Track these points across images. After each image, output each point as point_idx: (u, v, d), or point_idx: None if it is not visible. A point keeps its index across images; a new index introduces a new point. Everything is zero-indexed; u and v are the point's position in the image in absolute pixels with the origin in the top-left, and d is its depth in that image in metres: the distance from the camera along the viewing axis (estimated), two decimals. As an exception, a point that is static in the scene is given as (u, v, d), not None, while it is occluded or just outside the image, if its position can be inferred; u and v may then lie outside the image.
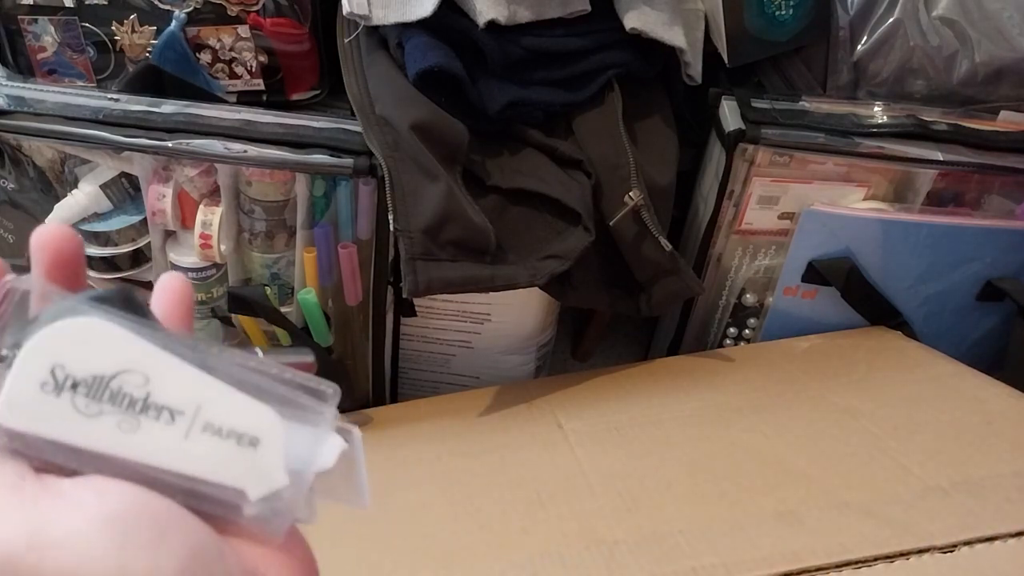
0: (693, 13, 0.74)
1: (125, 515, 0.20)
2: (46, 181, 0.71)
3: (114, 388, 0.21)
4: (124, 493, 0.20)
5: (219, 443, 0.22)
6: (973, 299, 0.78)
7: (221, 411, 0.22)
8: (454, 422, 0.72)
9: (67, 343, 0.21)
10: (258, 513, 0.22)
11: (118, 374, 0.21)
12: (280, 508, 0.23)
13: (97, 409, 0.21)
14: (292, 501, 0.23)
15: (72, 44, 0.73)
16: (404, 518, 0.59)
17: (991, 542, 0.49)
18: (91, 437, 0.21)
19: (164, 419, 0.22)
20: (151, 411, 0.22)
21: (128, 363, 0.21)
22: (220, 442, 0.22)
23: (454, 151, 0.66)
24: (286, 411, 0.23)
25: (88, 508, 0.20)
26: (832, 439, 0.62)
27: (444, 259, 0.64)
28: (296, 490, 0.23)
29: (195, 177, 0.69)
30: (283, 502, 0.23)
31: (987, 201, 0.76)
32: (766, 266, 0.79)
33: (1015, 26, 0.71)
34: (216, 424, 0.22)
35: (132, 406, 0.21)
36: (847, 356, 0.75)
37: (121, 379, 0.21)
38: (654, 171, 0.71)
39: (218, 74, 0.74)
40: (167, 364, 0.22)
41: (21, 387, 0.21)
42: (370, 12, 0.67)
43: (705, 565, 0.49)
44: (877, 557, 0.48)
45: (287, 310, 0.75)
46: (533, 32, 0.68)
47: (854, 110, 0.73)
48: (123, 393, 0.21)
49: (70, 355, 0.21)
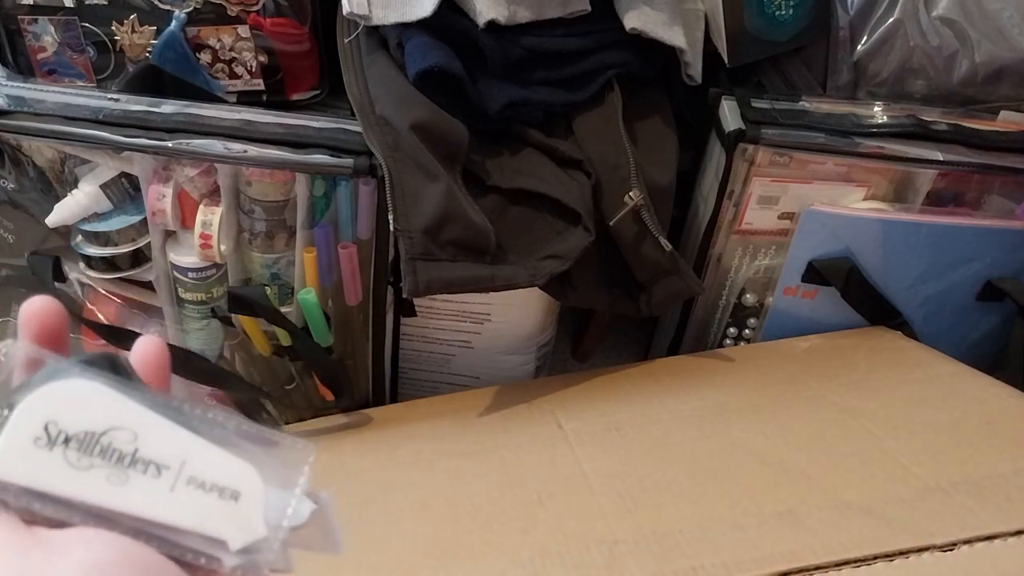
0: (693, 13, 0.74)
1: (110, 564, 0.21)
2: (46, 181, 0.71)
3: (104, 443, 0.22)
4: (110, 543, 0.21)
5: (202, 496, 0.23)
6: (973, 299, 0.78)
7: (204, 466, 0.23)
8: (454, 422, 0.72)
9: (61, 402, 0.22)
10: (238, 563, 0.23)
11: (108, 431, 0.22)
12: (258, 559, 0.24)
13: (88, 463, 0.22)
14: (270, 552, 0.24)
15: (72, 44, 0.73)
16: (404, 518, 0.59)
17: (991, 541, 0.49)
18: (82, 489, 0.22)
19: (151, 473, 0.23)
20: (139, 465, 0.23)
21: (118, 421, 0.23)
22: (203, 495, 0.23)
23: (454, 151, 0.66)
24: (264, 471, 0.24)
25: (75, 558, 0.20)
26: (832, 439, 0.62)
27: (444, 259, 0.64)
28: (273, 541, 0.24)
29: (195, 177, 0.69)
30: (261, 553, 0.24)
31: (987, 201, 0.76)
32: (766, 266, 0.79)
33: (1015, 26, 0.71)
34: (200, 478, 0.23)
35: (121, 460, 0.22)
36: (847, 356, 0.75)
37: (111, 435, 0.22)
38: (654, 171, 0.71)
39: (218, 74, 0.74)
40: (154, 422, 0.23)
41: (15, 441, 0.22)
42: (370, 12, 0.67)
43: (705, 565, 0.49)
44: (877, 556, 0.48)
45: (287, 310, 0.75)
46: (533, 32, 0.68)
47: (854, 110, 0.73)
48: (113, 448, 0.22)
49: (63, 413, 0.22)
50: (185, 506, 0.23)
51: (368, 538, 0.58)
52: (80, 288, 0.76)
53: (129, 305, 0.77)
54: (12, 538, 0.20)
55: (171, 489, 0.23)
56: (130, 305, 0.77)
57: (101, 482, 0.22)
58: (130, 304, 0.77)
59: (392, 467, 0.66)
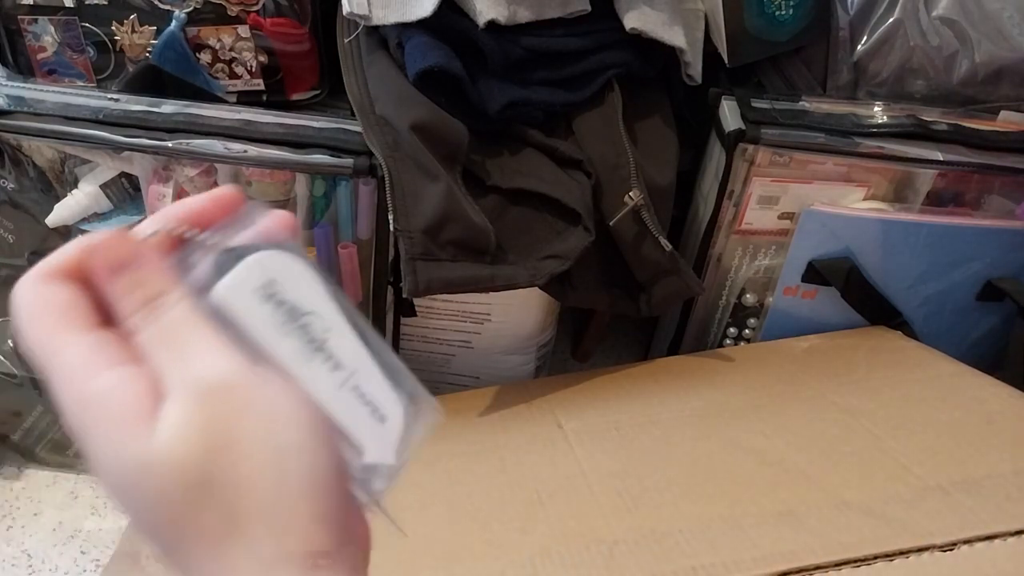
0: (693, 13, 0.74)
1: (309, 404, 0.24)
2: (46, 181, 0.72)
3: (303, 323, 0.25)
4: (301, 392, 0.24)
5: (359, 406, 0.26)
6: (973, 299, 0.78)
7: (368, 382, 0.26)
8: (454, 422, 0.72)
9: (284, 270, 0.25)
10: (361, 476, 0.26)
11: (310, 313, 0.25)
12: (375, 481, 0.27)
13: (287, 329, 0.25)
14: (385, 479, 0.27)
15: (72, 44, 0.73)
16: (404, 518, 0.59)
17: (991, 541, 0.49)
18: (276, 347, 0.24)
19: (329, 365, 0.25)
20: (323, 354, 0.25)
21: (319, 309, 0.25)
22: (360, 406, 0.26)
23: (454, 151, 0.66)
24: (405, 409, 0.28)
25: (288, 386, 0.24)
26: (832, 439, 0.62)
27: (444, 259, 0.64)
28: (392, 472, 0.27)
29: (195, 177, 0.69)
30: (379, 477, 0.27)
31: (987, 201, 0.76)
32: (766, 266, 0.79)
33: (1015, 26, 0.71)
34: (362, 390, 0.26)
35: (312, 343, 0.25)
36: (847, 356, 0.75)
37: (310, 319, 0.25)
38: (654, 171, 0.71)
39: (218, 74, 0.74)
40: (343, 325, 0.26)
41: (241, 280, 0.24)
42: (370, 12, 0.67)
43: (705, 565, 0.49)
44: (877, 556, 0.48)
45: (287, 310, 0.74)
46: (533, 32, 0.68)
47: (854, 110, 0.73)
48: (309, 330, 0.25)
49: (285, 279, 0.25)
50: (345, 406, 0.26)
51: (368, 538, 0.58)
52: (80, 288, 0.76)
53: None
54: (237, 352, 0.23)
55: (339, 387, 0.26)
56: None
57: (292, 351, 0.25)
58: (130, 304, 0.77)
59: (392, 467, 0.66)
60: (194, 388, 0.22)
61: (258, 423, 0.22)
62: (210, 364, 0.22)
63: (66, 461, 0.88)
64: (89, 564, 0.80)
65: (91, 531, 0.83)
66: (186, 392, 0.22)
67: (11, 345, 0.80)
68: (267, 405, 0.23)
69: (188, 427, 0.21)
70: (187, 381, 0.22)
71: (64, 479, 0.88)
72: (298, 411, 0.23)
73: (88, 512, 0.85)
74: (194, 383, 0.22)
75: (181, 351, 0.23)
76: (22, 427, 0.85)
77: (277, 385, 0.23)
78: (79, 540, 0.82)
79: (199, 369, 0.22)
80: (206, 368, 0.22)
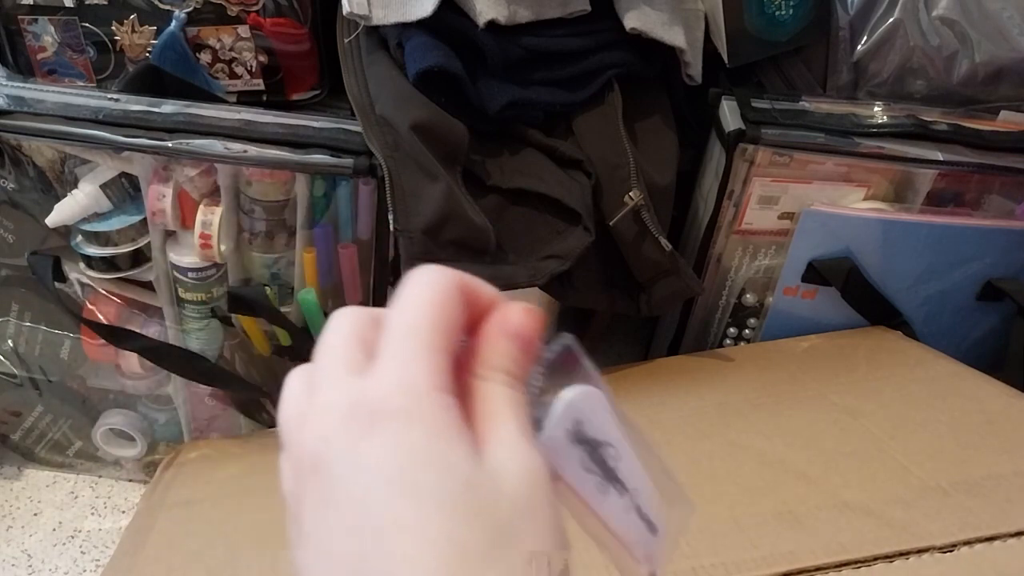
0: (693, 13, 0.74)
1: None
2: (46, 181, 0.71)
3: (602, 455, 0.26)
4: None
5: (639, 523, 0.27)
6: (973, 299, 0.78)
7: (646, 499, 0.27)
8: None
9: (589, 405, 0.26)
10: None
11: (605, 445, 0.26)
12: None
13: (590, 465, 0.26)
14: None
15: (72, 44, 0.73)
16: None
17: (991, 542, 0.49)
18: (582, 485, 0.26)
19: (618, 490, 0.27)
20: (615, 482, 0.27)
21: (611, 438, 0.26)
22: (639, 522, 0.27)
23: (454, 151, 0.66)
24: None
25: None
26: (832, 439, 0.62)
27: (444, 259, 0.64)
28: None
29: (195, 177, 0.69)
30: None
31: (987, 201, 0.76)
32: (766, 266, 0.79)
33: (1015, 26, 0.71)
34: (641, 508, 0.27)
35: (607, 473, 0.26)
36: (847, 356, 0.75)
37: (607, 450, 0.26)
38: (654, 171, 0.71)
39: (218, 74, 0.74)
40: (626, 446, 0.27)
41: (558, 426, 0.25)
42: (370, 12, 0.67)
43: (705, 565, 0.49)
44: (877, 557, 0.48)
45: (287, 310, 0.75)
46: (533, 32, 0.68)
47: (854, 110, 0.73)
48: (607, 462, 0.26)
49: (588, 417, 0.26)
50: (629, 526, 0.27)
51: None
52: (80, 288, 0.76)
53: (129, 305, 0.77)
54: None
55: (626, 510, 0.27)
56: (130, 305, 0.77)
57: (593, 486, 0.26)
58: (130, 304, 0.77)
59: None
60: (522, 453, 0.23)
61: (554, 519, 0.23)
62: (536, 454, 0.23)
63: (66, 461, 0.88)
64: (89, 564, 0.80)
65: (91, 531, 0.83)
66: (516, 449, 0.23)
67: (11, 345, 0.80)
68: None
69: (523, 467, 0.22)
70: (517, 449, 0.23)
71: (64, 479, 0.88)
72: None
73: (88, 512, 0.85)
74: (524, 453, 0.23)
75: (517, 424, 0.23)
76: (22, 427, 0.85)
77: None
78: (79, 540, 0.82)
79: (530, 450, 0.23)
80: (535, 455, 0.23)
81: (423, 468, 0.21)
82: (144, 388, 0.82)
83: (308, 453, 0.22)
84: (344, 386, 0.23)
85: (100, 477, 0.89)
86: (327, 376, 0.24)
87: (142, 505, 0.72)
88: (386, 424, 0.22)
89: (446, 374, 0.23)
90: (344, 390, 0.23)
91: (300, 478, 0.23)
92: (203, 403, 0.82)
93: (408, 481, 0.21)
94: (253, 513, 0.64)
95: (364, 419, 0.22)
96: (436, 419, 0.22)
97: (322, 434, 0.22)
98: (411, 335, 0.23)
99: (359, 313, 0.26)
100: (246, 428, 0.84)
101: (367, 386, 0.23)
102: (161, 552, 0.62)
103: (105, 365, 0.81)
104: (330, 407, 0.23)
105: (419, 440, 0.21)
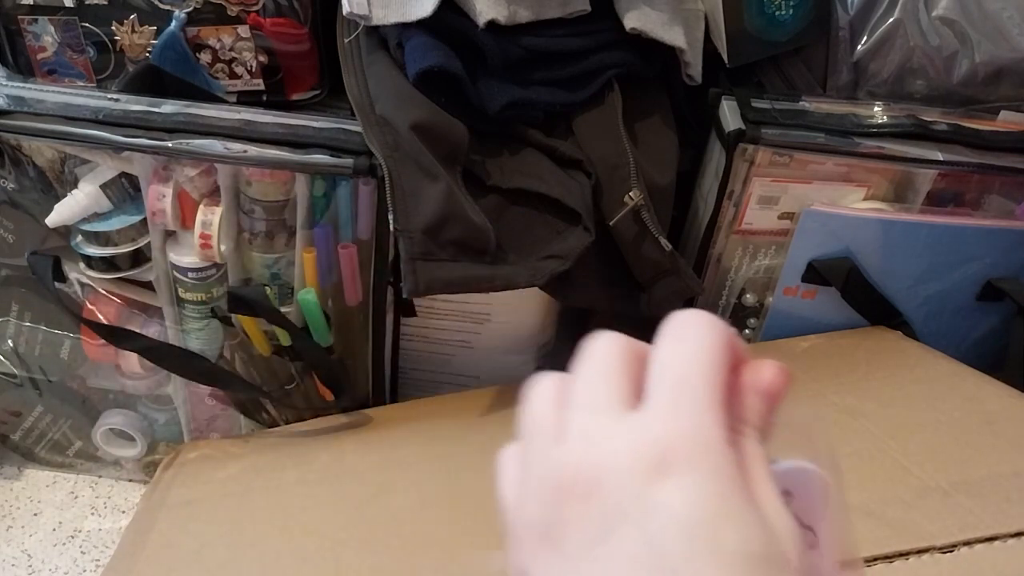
0: (693, 13, 0.74)
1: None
2: (46, 181, 0.72)
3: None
4: None
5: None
6: (973, 299, 0.78)
7: (824, 548, 0.25)
8: (454, 422, 0.72)
9: (805, 484, 0.25)
10: None
11: (805, 529, 0.24)
12: None
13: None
14: None
15: (72, 44, 0.73)
16: (404, 518, 0.59)
17: (991, 542, 0.49)
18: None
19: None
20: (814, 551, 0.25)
21: (814, 526, 0.25)
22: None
23: (454, 151, 0.66)
24: None
25: None
26: (832, 439, 0.62)
27: (444, 259, 0.64)
28: None
29: (195, 177, 0.69)
30: None
31: (987, 201, 0.76)
32: (766, 266, 0.79)
33: (1015, 26, 0.71)
34: (814, 553, 0.25)
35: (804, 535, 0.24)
36: (847, 356, 0.75)
37: (804, 534, 0.24)
38: (654, 171, 0.71)
39: (218, 74, 0.74)
40: (825, 541, 0.25)
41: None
42: (370, 12, 0.67)
43: (705, 565, 0.49)
44: (876, 557, 0.48)
45: (287, 310, 0.75)
46: (533, 32, 0.68)
47: (854, 110, 0.73)
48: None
49: (800, 494, 0.24)
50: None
51: (368, 538, 0.58)
52: (80, 288, 0.76)
53: (129, 305, 0.77)
54: None
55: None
56: (130, 305, 0.77)
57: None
58: (130, 304, 0.77)
59: (392, 467, 0.66)
60: (786, 517, 0.22)
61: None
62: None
63: (66, 461, 0.88)
64: (89, 564, 0.80)
65: (91, 531, 0.83)
66: (780, 512, 0.22)
67: (11, 345, 0.80)
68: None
69: (790, 531, 0.22)
70: (781, 512, 0.22)
71: (64, 479, 0.88)
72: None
73: (88, 512, 0.85)
74: (787, 517, 0.22)
75: (773, 486, 0.23)
76: (22, 427, 0.85)
77: None
78: (79, 540, 0.82)
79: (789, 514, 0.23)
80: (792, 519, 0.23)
81: (724, 524, 0.21)
82: (144, 388, 0.82)
83: (581, 477, 0.23)
84: (622, 419, 0.23)
85: (100, 477, 0.89)
86: (596, 402, 0.24)
87: (142, 505, 0.72)
88: (680, 471, 0.22)
89: (727, 428, 0.23)
90: (624, 424, 0.23)
91: (564, 498, 0.23)
92: (203, 403, 0.82)
93: (709, 536, 0.21)
94: (253, 513, 0.64)
95: (653, 460, 0.22)
96: (730, 474, 0.22)
97: (599, 462, 0.23)
98: (698, 384, 0.23)
99: (625, 344, 0.26)
100: (246, 428, 0.84)
101: (652, 427, 0.23)
102: (161, 552, 0.62)
103: (105, 365, 0.81)
104: (607, 436, 0.23)
105: (717, 493, 0.21)
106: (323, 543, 0.58)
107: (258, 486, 0.68)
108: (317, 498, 0.64)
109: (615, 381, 0.24)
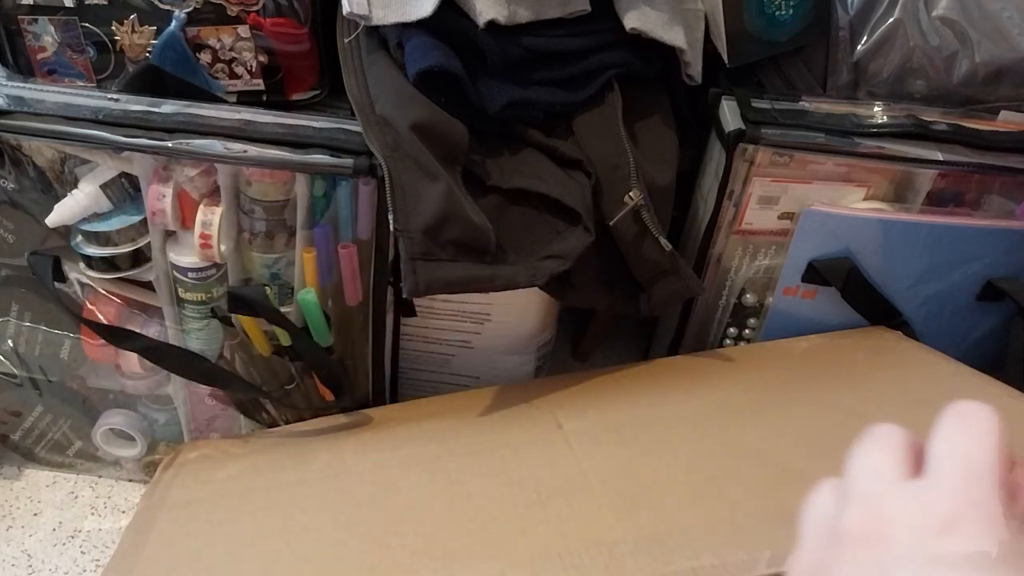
0: (693, 13, 0.74)
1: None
2: (46, 181, 0.72)
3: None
4: None
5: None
6: (973, 299, 0.78)
7: None
8: (454, 422, 0.72)
9: None
10: None
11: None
12: None
13: None
14: None
15: (72, 44, 0.73)
16: (404, 518, 0.59)
17: (991, 542, 0.49)
18: None
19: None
20: None
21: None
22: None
23: (454, 151, 0.66)
24: None
25: None
26: (832, 439, 0.61)
27: (444, 259, 0.64)
28: None
29: (195, 177, 0.69)
30: None
31: (987, 201, 0.76)
32: (766, 266, 0.79)
33: (1015, 26, 0.71)
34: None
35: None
36: (847, 356, 0.75)
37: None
38: (654, 171, 0.72)
39: (218, 74, 0.74)
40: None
41: None
42: (370, 12, 0.67)
43: (705, 565, 0.49)
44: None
45: (287, 310, 0.75)
46: (533, 32, 0.68)
47: (854, 110, 0.73)
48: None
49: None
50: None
51: (368, 538, 0.58)
52: (80, 288, 0.76)
53: (129, 305, 0.77)
54: None
55: None
56: (130, 305, 0.77)
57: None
58: (130, 304, 0.77)
59: (392, 467, 0.66)
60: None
61: None
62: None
63: (66, 461, 0.88)
64: (89, 564, 0.80)
65: (91, 531, 0.83)
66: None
67: (11, 345, 0.80)
68: None
69: None
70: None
71: (64, 479, 0.88)
72: None
73: (88, 512, 0.85)
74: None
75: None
76: (22, 427, 0.85)
77: None
78: (79, 540, 0.82)
79: None
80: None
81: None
82: (144, 388, 0.82)
83: (864, 527, 0.26)
84: (906, 484, 0.27)
85: (100, 477, 0.89)
86: (880, 470, 0.28)
87: (142, 505, 0.72)
88: (967, 532, 0.24)
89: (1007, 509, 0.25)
90: (909, 488, 0.26)
91: (840, 537, 0.27)
92: (203, 403, 0.82)
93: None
94: (253, 513, 0.64)
95: (941, 520, 0.24)
96: (1013, 547, 0.23)
97: (885, 516, 0.26)
98: (984, 464, 0.26)
99: (904, 434, 0.30)
100: (246, 428, 0.84)
101: (940, 491, 0.25)
102: (161, 552, 0.62)
103: (105, 365, 0.81)
104: (892, 495, 0.27)
105: (1000, 558, 0.23)
106: (323, 543, 0.58)
107: (258, 486, 0.68)
108: (317, 498, 0.64)
109: (896, 454, 0.29)
